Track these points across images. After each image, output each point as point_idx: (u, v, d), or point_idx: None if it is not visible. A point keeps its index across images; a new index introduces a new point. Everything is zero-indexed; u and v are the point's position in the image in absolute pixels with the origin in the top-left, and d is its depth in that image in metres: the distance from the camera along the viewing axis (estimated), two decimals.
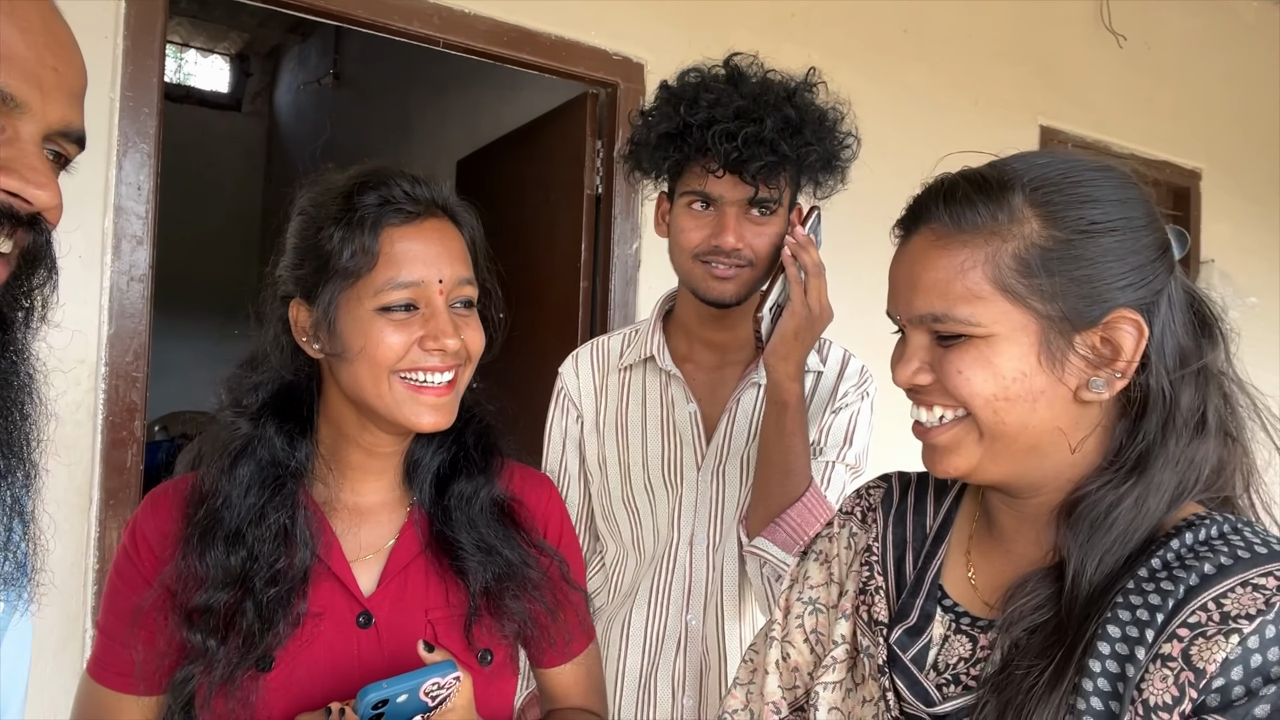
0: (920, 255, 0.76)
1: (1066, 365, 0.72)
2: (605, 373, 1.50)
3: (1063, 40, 3.43)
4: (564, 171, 2.68)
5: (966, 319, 0.72)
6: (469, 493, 1.00)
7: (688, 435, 1.41)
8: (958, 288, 0.73)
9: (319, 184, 0.96)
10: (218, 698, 0.88)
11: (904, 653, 0.80)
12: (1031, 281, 0.71)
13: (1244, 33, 4.03)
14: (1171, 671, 0.63)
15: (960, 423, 0.75)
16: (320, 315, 0.92)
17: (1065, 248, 0.71)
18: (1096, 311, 0.71)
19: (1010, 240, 0.72)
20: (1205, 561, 0.67)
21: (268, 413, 0.95)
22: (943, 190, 0.76)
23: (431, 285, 0.91)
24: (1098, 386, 0.72)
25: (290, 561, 0.91)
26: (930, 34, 3.10)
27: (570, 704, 1.10)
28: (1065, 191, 0.72)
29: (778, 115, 1.26)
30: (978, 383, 0.73)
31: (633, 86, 2.54)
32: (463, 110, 3.95)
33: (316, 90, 5.70)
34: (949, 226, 0.74)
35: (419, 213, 0.92)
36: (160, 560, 0.93)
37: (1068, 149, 0.75)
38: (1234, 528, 0.70)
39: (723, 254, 1.29)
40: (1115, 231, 0.71)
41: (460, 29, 2.28)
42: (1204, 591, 0.65)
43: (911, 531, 0.88)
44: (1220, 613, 0.64)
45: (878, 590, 0.85)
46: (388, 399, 0.91)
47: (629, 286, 2.57)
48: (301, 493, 0.95)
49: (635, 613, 1.42)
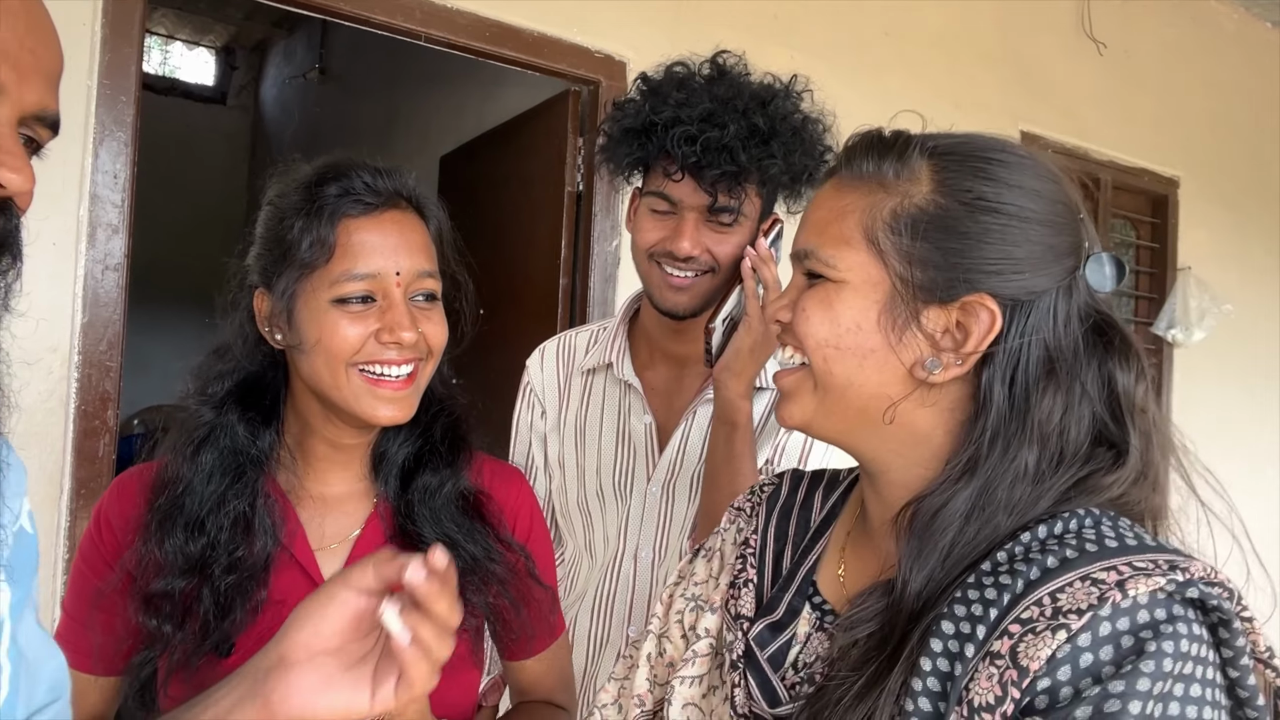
0: (820, 196, 0.76)
1: (905, 334, 0.69)
2: (569, 373, 1.48)
3: (1044, 46, 3.46)
4: (545, 168, 2.69)
5: (827, 260, 0.72)
6: (434, 486, 0.99)
7: (641, 446, 1.38)
8: (833, 230, 0.72)
9: (286, 175, 0.96)
10: (175, 681, 0.88)
11: (761, 649, 0.77)
12: (898, 240, 0.69)
13: (1223, 42, 4.07)
14: (997, 670, 0.59)
15: (801, 369, 0.75)
16: (280, 306, 0.91)
17: (942, 215, 0.69)
18: (956, 290, 0.68)
19: (894, 196, 0.70)
20: (1049, 555, 0.63)
21: (231, 401, 0.95)
22: (854, 142, 0.76)
23: (388, 277, 0.90)
24: (932, 366, 0.69)
25: (250, 549, 0.91)
26: (912, 37, 3.11)
27: (537, 697, 1.10)
28: (967, 163, 0.70)
29: (744, 123, 1.21)
30: (814, 324, 0.71)
31: (615, 84, 2.55)
32: (447, 106, 3.95)
33: (302, 84, 5.68)
34: (848, 173, 0.74)
35: (378, 204, 0.92)
36: (122, 545, 0.93)
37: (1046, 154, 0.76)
38: (1095, 521, 0.66)
39: (677, 260, 1.25)
40: (1002, 215, 0.68)
41: (443, 24, 2.28)
42: (1041, 586, 0.61)
43: (795, 525, 0.86)
44: (1053, 608, 0.60)
45: (747, 584, 0.83)
46: (345, 391, 0.90)
47: (608, 284, 2.58)
48: (265, 481, 0.95)
49: (581, 616, 1.41)
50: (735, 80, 1.27)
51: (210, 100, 6.69)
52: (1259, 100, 4.13)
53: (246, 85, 6.72)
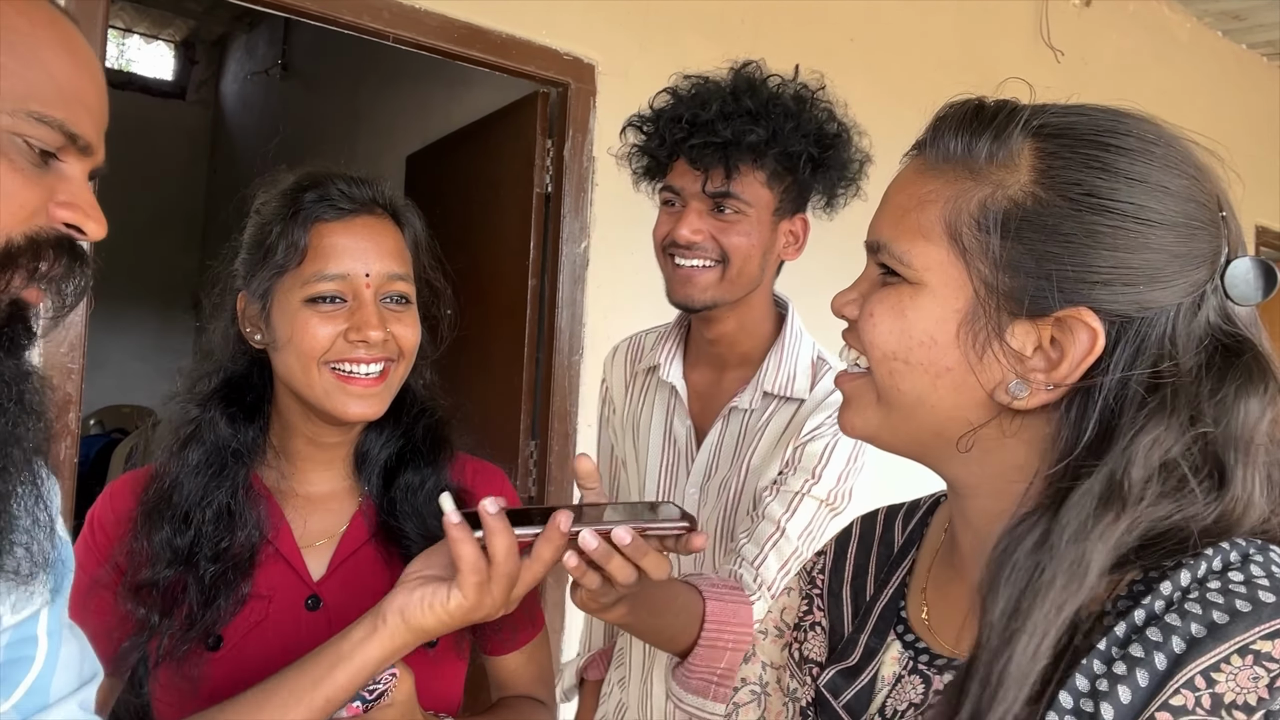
0: (900, 179, 0.65)
1: (987, 352, 0.59)
2: (634, 371, 1.51)
3: (1003, 53, 3.52)
4: (513, 170, 2.69)
5: (901, 255, 0.61)
6: (415, 484, 1.02)
7: (683, 449, 1.40)
8: (911, 220, 0.61)
9: (271, 182, 1.00)
10: (163, 671, 0.91)
11: (835, 696, 0.69)
12: (985, 239, 0.58)
13: (1176, 51, 4.18)
14: None
15: (865, 376, 0.65)
16: (258, 306, 0.96)
17: (1043, 212, 0.57)
18: (1050, 302, 0.57)
19: (984, 185, 0.59)
20: (1191, 620, 0.50)
21: (216, 399, 0.99)
22: (944, 113, 0.64)
23: (358, 278, 0.94)
24: (1015, 391, 0.58)
25: (233, 541, 0.94)
26: (876, 43, 3.16)
27: (516, 692, 1.11)
28: (1080, 149, 0.58)
29: (731, 102, 1.23)
30: (882, 332, 0.62)
31: (584, 86, 2.55)
32: (413, 106, 3.92)
33: (264, 81, 5.61)
34: (933, 154, 0.62)
35: (353, 210, 0.96)
36: (113, 542, 0.96)
37: (1189, 138, 0.61)
38: (1243, 557, 0.53)
39: (680, 247, 1.27)
40: (1114, 215, 0.56)
41: (410, 24, 2.27)
42: (1190, 663, 0.49)
43: (876, 558, 0.76)
44: (1212, 696, 0.48)
45: (814, 626, 0.76)
46: (317, 389, 0.94)
47: (577, 285, 2.58)
48: (250, 477, 0.98)
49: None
50: (740, 75, 1.29)
51: (169, 95, 6.58)
52: (1210, 107, 4.24)
53: (207, 80, 6.62)
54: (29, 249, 0.61)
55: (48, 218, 0.62)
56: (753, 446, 1.33)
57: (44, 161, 0.62)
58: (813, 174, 1.30)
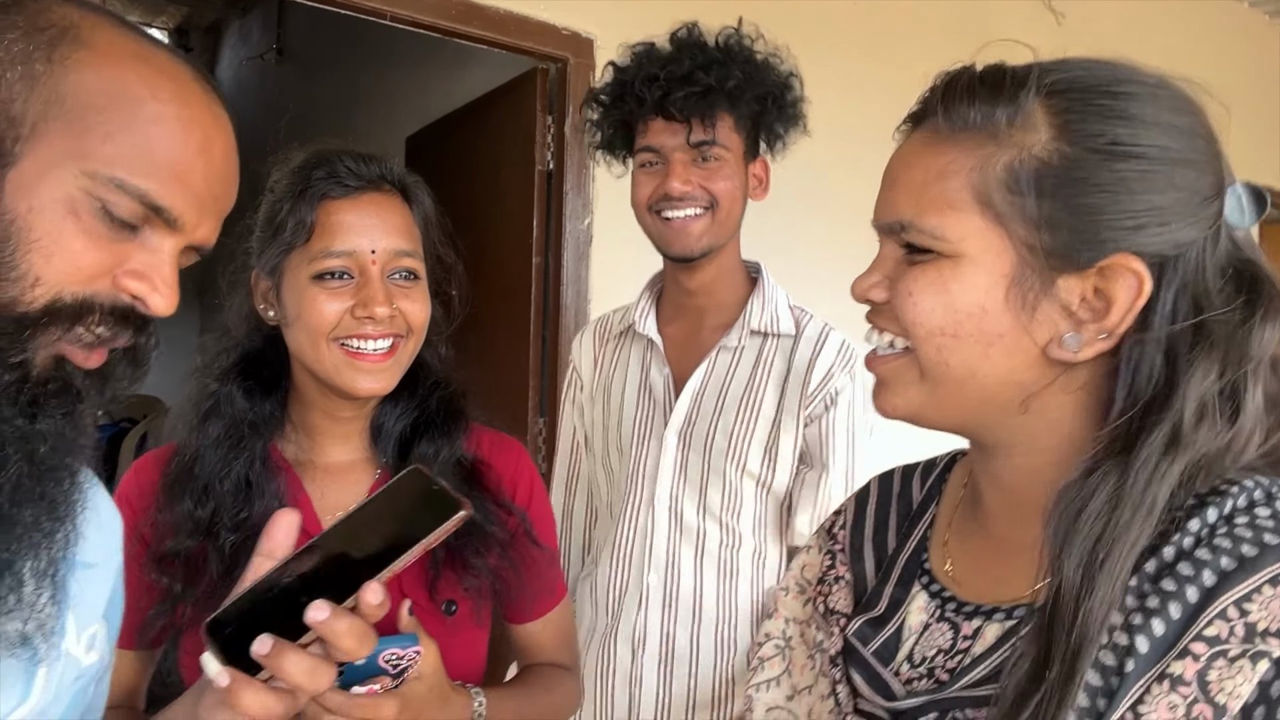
0: (907, 154, 0.64)
1: (1038, 311, 0.59)
2: (604, 342, 1.57)
3: (1003, 13, 3.49)
4: (514, 147, 2.68)
5: (932, 230, 0.60)
6: (430, 455, 1.03)
7: (660, 397, 1.45)
8: (934, 192, 0.61)
9: (283, 160, 1.01)
10: (188, 639, 0.93)
11: (864, 644, 0.70)
12: (1019, 200, 0.58)
13: (1180, 12, 4.14)
14: (1182, 699, 0.50)
15: (904, 356, 0.64)
16: (269, 282, 0.98)
17: (1072, 167, 0.58)
18: (1093, 253, 0.58)
19: (1008, 148, 0.59)
20: (1222, 554, 0.53)
21: (233, 373, 1.00)
22: (948, 82, 0.63)
23: (364, 255, 0.95)
24: (1070, 344, 0.59)
25: (253, 512, 0.95)
26: (875, 9, 3.14)
27: (540, 658, 1.13)
28: (1093, 101, 0.59)
29: (701, 54, 1.30)
30: (925, 310, 0.61)
31: (583, 62, 2.54)
32: (412, 86, 3.90)
33: (260, 66, 5.58)
34: (945, 124, 0.62)
35: (359, 187, 0.97)
36: (138, 516, 0.98)
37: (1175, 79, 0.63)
38: (1267, 495, 0.55)
39: (673, 200, 1.32)
40: (1143, 159, 0.57)
41: (408, 3, 2.26)
42: (1222, 595, 0.51)
43: (895, 513, 0.78)
44: (1245, 625, 0.50)
45: (838, 580, 0.78)
46: (326, 364, 0.95)
47: (581, 262, 2.58)
48: (269, 449, 1.00)
49: (599, 570, 1.46)
50: (690, 35, 1.37)
51: None
52: (1215, 67, 4.20)
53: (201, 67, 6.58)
54: (75, 310, 0.59)
55: (113, 283, 0.61)
56: (745, 385, 1.40)
57: (124, 229, 0.61)
58: (777, 115, 1.38)
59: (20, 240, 0.57)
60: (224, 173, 0.66)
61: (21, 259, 0.57)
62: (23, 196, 0.57)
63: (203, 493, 0.96)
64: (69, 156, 0.58)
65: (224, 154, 0.66)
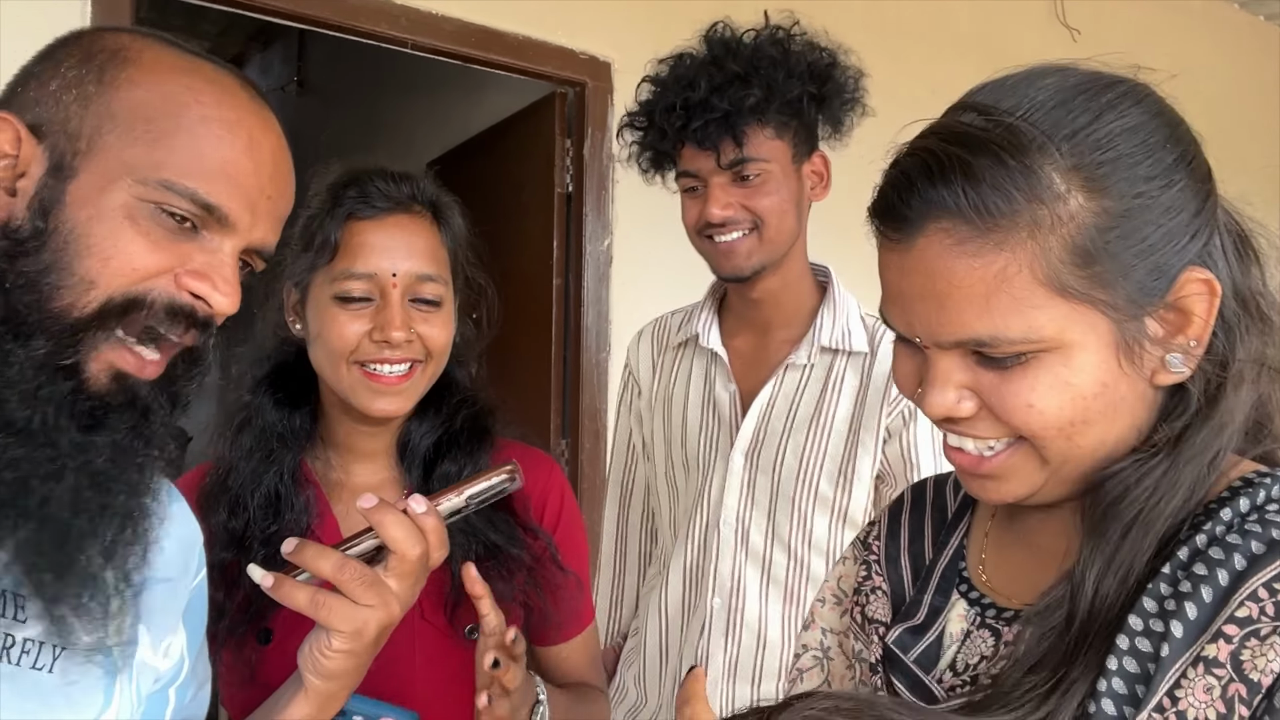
0: (937, 265, 0.58)
1: (1144, 356, 0.58)
2: (663, 349, 1.51)
3: (1018, 31, 3.51)
4: (534, 171, 2.71)
5: (1025, 336, 0.57)
6: (452, 474, 1.02)
7: (726, 416, 1.39)
8: (1002, 301, 0.56)
9: (323, 174, 1.02)
10: (226, 652, 0.93)
11: (905, 653, 0.70)
12: (1091, 270, 0.56)
13: (1192, 23, 4.14)
14: (1217, 680, 0.51)
15: (1018, 449, 0.61)
16: (297, 297, 0.99)
17: (1124, 220, 0.56)
18: (1165, 281, 0.57)
19: (1056, 226, 0.55)
20: (1252, 539, 0.54)
21: (265, 384, 1.01)
22: (949, 171, 0.57)
23: (385, 277, 0.95)
24: (1176, 365, 0.58)
25: (281, 526, 0.96)
26: (890, 26, 3.16)
27: (570, 680, 1.12)
28: (1106, 147, 0.57)
29: (716, 73, 1.25)
30: (1053, 410, 0.58)
31: (600, 85, 2.57)
32: (431, 113, 3.95)
33: (280, 97, 5.65)
34: (970, 221, 0.56)
35: (388, 208, 0.97)
36: None
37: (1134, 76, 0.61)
38: None
39: (716, 225, 1.28)
40: (1177, 184, 0.57)
41: (427, 30, 2.30)
42: (1252, 577, 0.52)
43: (931, 521, 0.78)
44: (1274, 604, 0.51)
45: (874, 590, 0.77)
46: (344, 384, 0.95)
47: (601, 283, 2.60)
48: (299, 464, 1.00)
49: (669, 589, 1.42)
50: (715, 41, 1.31)
51: None
52: (1227, 80, 4.19)
53: None
54: (123, 307, 0.60)
55: (175, 283, 0.62)
56: (816, 404, 1.34)
57: (182, 231, 0.62)
58: (818, 110, 1.31)
59: (79, 247, 0.59)
60: (274, 171, 0.67)
61: (79, 265, 0.59)
62: (82, 206, 0.60)
63: (235, 504, 0.96)
64: (123, 166, 0.60)
65: (272, 153, 0.67)
